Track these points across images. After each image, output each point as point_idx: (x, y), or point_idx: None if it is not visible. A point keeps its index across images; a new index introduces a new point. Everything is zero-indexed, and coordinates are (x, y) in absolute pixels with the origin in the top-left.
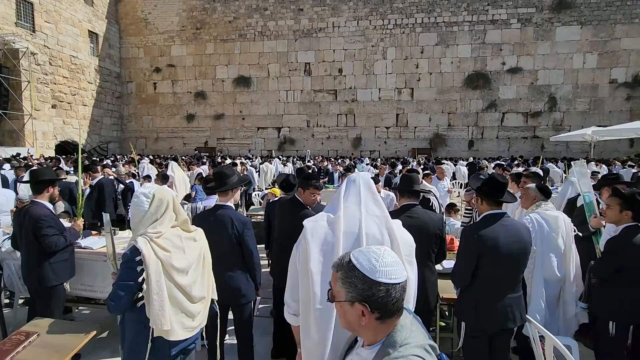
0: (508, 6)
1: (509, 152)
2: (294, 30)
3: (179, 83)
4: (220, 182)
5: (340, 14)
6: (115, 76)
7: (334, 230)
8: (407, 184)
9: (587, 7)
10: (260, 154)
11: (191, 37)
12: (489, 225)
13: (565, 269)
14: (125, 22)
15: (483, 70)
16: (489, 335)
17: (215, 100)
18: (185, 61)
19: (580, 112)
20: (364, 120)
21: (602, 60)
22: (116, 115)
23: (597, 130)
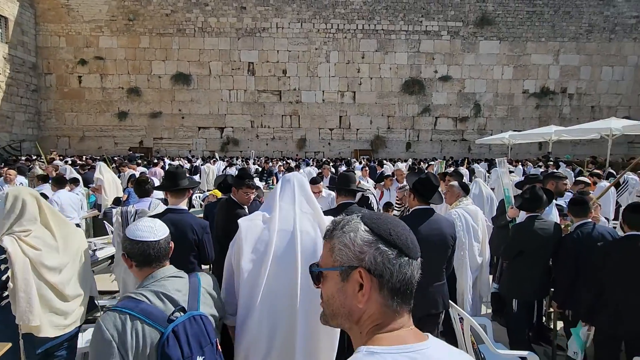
0: (439, 19)
1: (442, 154)
2: (237, 29)
3: (109, 77)
4: (172, 182)
5: (284, 15)
6: (30, 67)
7: (268, 228)
8: (344, 183)
9: (504, 24)
10: (202, 155)
11: (123, 28)
12: (415, 219)
13: (483, 255)
14: (43, 7)
15: (418, 77)
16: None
17: (151, 97)
18: (117, 54)
19: (500, 118)
20: (309, 122)
21: (517, 73)
22: (32, 110)
23: (513, 134)
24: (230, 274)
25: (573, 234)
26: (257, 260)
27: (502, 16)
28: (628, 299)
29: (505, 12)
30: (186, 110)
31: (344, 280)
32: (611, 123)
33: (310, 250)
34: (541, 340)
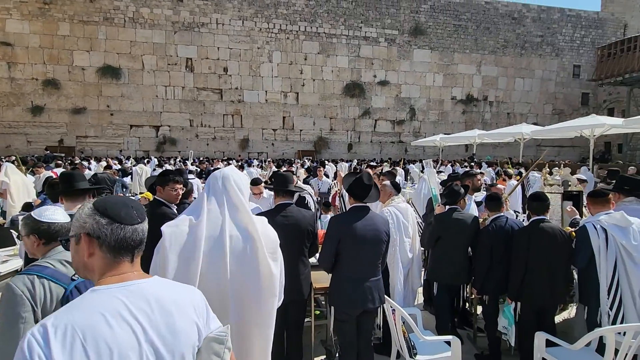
0: (377, 26)
1: (381, 155)
2: (173, 22)
3: (19, 67)
4: (68, 184)
5: (224, 12)
6: None
7: (195, 235)
8: (281, 184)
9: (435, 35)
10: (135, 155)
11: (37, 12)
12: (351, 216)
13: (414, 251)
14: None
15: (358, 80)
16: (355, 317)
17: (73, 91)
18: (29, 41)
19: (432, 122)
20: (251, 122)
21: (446, 81)
22: None
23: (443, 137)
24: None
25: (489, 227)
26: (184, 271)
27: (432, 27)
28: (539, 273)
29: (435, 24)
30: (116, 106)
31: (77, 243)
32: (522, 128)
33: (239, 254)
34: (465, 325)
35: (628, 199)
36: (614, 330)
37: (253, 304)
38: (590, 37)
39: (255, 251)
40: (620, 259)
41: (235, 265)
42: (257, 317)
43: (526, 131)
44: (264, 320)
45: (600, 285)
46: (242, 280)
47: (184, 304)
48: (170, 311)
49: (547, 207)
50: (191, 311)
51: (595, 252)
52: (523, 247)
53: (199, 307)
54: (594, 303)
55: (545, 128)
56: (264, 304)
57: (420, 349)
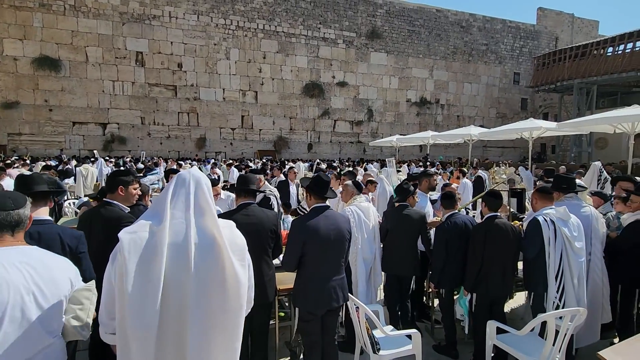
0: (335, 27)
1: (341, 155)
2: (121, 12)
3: None
4: (25, 187)
5: (177, 4)
6: None
7: (156, 242)
8: (243, 184)
9: (391, 39)
10: (79, 154)
11: None
12: (313, 216)
13: (375, 248)
14: None
15: (318, 81)
16: (320, 316)
17: (3, 83)
18: None
19: (389, 123)
20: (208, 120)
21: (401, 83)
22: None
23: (399, 137)
24: (109, 292)
25: (444, 224)
26: (144, 281)
27: (388, 31)
28: (494, 267)
29: (391, 28)
30: (55, 101)
31: None
32: (471, 130)
33: (204, 263)
34: (423, 318)
35: (569, 195)
36: (554, 315)
37: (218, 315)
38: (528, 47)
39: (222, 259)
40: (564, 249)
41: (200, 274)
42: (223, 329)
43: (474, 133)
44: (231, 331)
45: (549, 273)
46: (207, 291)
47: (61, 266)
48: (51, 267)
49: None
50: (66, 271)
51: (545, 243)
52: (480, 242)
53: (72, 271)
54: (540, 290)
55: (490, 130)
56: (231, 314)
57: (383, 344)
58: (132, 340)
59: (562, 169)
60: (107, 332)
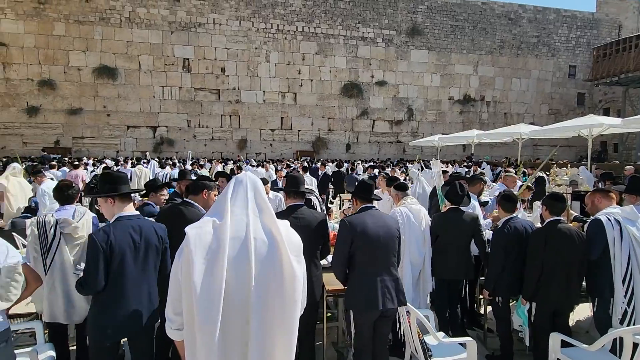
0: (375, 26)
1: (379, 155)
2: (170, 22)
3: (14, 67)
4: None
5: (221, 12)
6: None
7: (219, 236)
8: (293, 185)
9: (432, 36)
10: (132, 156)
11: (32, 12)
12: (360, 216)
13: (425, 252)
14: None
15: (356, 81)
16: (373, 320)
17: (69, 91)
18: (24, 41)
19: (430, 122)
20: (249, 122)
21: (443, 81)
22: None
23: (442, 137)
24: (176, 287)
25: (503, 229)
26: (209, 273)
27: (430, 28)
28: (555, 274)
29: (432, 25)
30: (112, 107)
31: None
32: (520, 128)
33: (263, 256)
34: (474, 325)
35: None
36: (632, 331)
37: (277, 309)
38: (586, 37)
39: (280, 254)
40: (632, 250)
41: (259, 268)
42: (280, 323)
43: (525, 131)
44: (288, 326)
45: (615, 275)
46: (266, 284)
47: None
48: None
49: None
50: None
51: (610, 243)
52: (539, 247)
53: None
54: (607, 294)
55: (544, 128)
56: (288, 308)
57: (436, 351)
58: (198, 332)
59: (629, 169)
60: (172, 328)
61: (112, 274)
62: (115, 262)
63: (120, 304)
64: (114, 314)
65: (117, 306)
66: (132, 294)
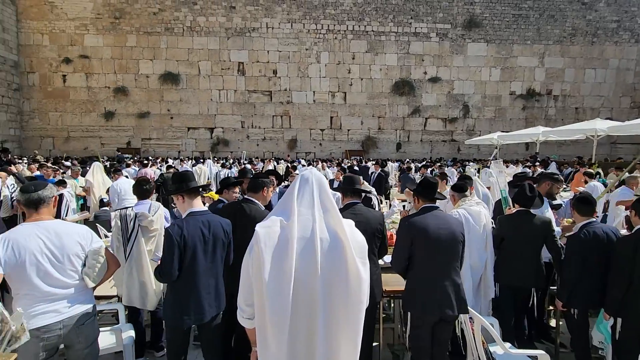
0: (428, 21)
1: (432, 154)
2: (226, 28)
3: (94, 77)
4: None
5: (274, 15)
6: (11, 65)
7: (287, 236)
8: (350, 184)
9: (491, 27)
10: (192, 156)
11: (109, 26)
12: (422, 216)
13: (486, 256)
14: (25, 4)
15: (408, 78)
16: (431, 324)
17: (138, 97)
18: (103, 53)
19: (488, 119)
20: (300, 122)
21: (504, 75)
22: (14, 110)
23: (502, 135)
24: (247, 281)
25: (580, 234)
26: (278, 270)
27: (489, 19)
28: None
29: (492, 15)
30: (175, 110)
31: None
32: (596, 124)
33: (329, 257)
34: (542, 338)
35: None
36: None
37: (341, 309)
38: None
39: (345, 255)
40: None
41: (325, 268)
42: (345, 323)
43: (601, 127)
44: (352, 325)
45: None
46: (332, 284)
47: (70, 232)
48: (61, 234)
49: None
50: (75, 236)
51: None
52: (628, 257)
53: (82, 235)
54: None
55: (626, 123)
56: (352, 309)
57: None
58: (269, 325)
59: None
60: (243, 317)
61: (185, 265)
62: (188, 255)
63: (192, 293)
64: (187, 302)
65: (189, 295)
66: (202, 284)
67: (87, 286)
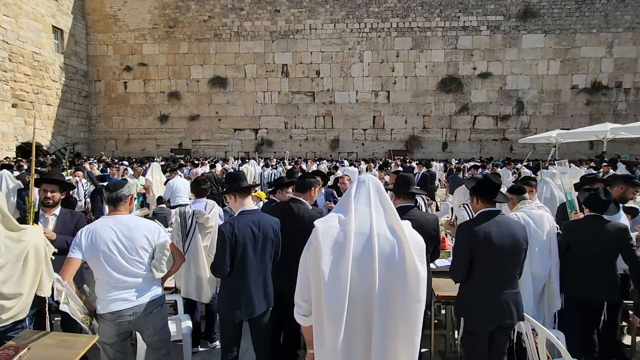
0: (478, 13)
1: (481, 154)
2: (271, 31)
3: (151, 82)
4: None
5: (317, 16)
6: (82, 74)
7: (345, 231)
8: (403, 186)
9: (550, 17)
10: (238, 156)
11: (164, 35)
12: (482, 221)
13: (550, 264)
14: (93, 18)
15: (455, 74)
16: (488, 332)
17: (190, 100)
18: (158, 60)
19: (545, 116)
20: (342, 122)
21: (565, 67)
22: (83, 115)
23: (561, 132)
24: (304, 276)
25: None
26: (336, 265)
27: (547, 8)
28: None
29: (551, 4)
30: (222, 112)
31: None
32: None
33: (387, 253)
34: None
35: None
36: None
37: (399, 308)
38: None
39: (403, 253)
40: None
41: (383, 265)
42: (403, 323)
43: None
44: (411, 326)
45: None
46: (390, 282)
47: (139, 226)
48: (131, 227)
49: None
50: (143, 230)
51: None
52: None
53: (150, 229)
54: None
55: None
56: (411, 308)
57: None
58: (326, 320)
59: None
60: (299, 313)
61: (236, 262)
62: (239, 252)
63: (243, 289)
64: (238, 297)
65: (240, 290)
66: (252, 280)
67: (154, 277)
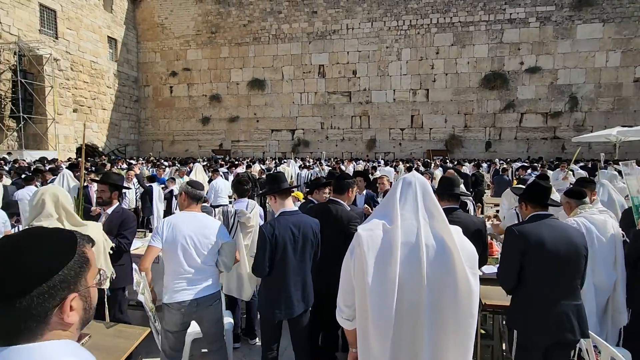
0: (526, 5)
1: (528, 153)
2: (308, 33)
3: (194, 86)
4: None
5: (354, 16)
6: (132, 80)
7: (390, 241)
8: (448, 187)
9: (609, 4)
10: (275, 156)
11: (206, 41)
12: (534, 225)
13: (616, 275)
14: (143, 28)
15: (500, 70)
16: (544, 347)
17: (230, 103)
18: (201, 65)
19: (603, 112)
20: (379, 122)
21: (626, 59)
22: (133, 118)
23: (622, 130)
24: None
25: None
26: (382, 275)
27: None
28: None
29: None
30: (260, 113)
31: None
32: None
33: (437, 267)
34: None
35: None
36: None
37: (451, 322)
38: None
39: (453, 264)
40: None
41: (432, 277)
42: (454, 337)
43: None
44: (463, 341)
45: None
46: (439, 295)
47: (211, 225)
48: (204, 225)
49: None
50: (214, 229)
51: None
52: None
53: (217, 228)
54: None
55: None
56: (462, 323)
57: None
58: (372, 328)
59: None
60: (342, 317)
61: (276, 262)
62: (279, 252)
63: (282, 289)
64: (278, 297)
65: (280, 290)
66: (292, 280)
67: (219, 272)
